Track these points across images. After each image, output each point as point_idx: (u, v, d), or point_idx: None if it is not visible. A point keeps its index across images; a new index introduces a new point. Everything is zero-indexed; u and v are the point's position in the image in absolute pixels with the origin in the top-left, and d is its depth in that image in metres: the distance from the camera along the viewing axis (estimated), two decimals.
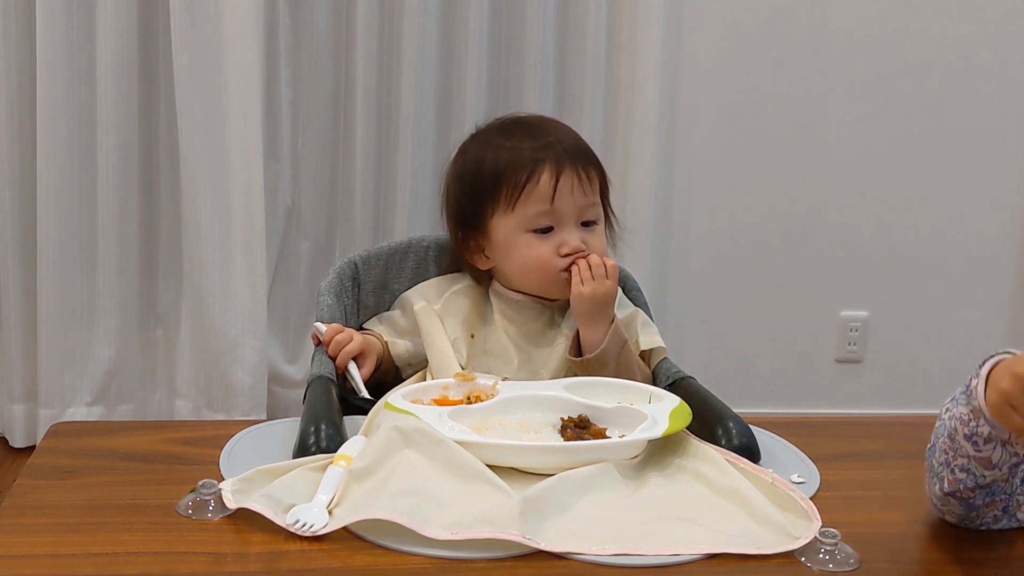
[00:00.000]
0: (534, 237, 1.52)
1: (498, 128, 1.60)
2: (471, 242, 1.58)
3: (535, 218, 1.51)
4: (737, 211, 3.05)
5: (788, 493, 1.20)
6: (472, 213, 1.56)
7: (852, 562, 1.10)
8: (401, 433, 1.23)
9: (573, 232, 1.52)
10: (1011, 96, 3.04)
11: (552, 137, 1.54)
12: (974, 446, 1.11)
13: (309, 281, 2.89)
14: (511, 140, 1.55)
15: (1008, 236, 3.11)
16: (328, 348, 1.50)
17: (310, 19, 2.74)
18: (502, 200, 1.52)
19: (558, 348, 1.54)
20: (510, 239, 1.53)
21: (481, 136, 1.60)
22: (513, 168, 1.51)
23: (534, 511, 1.12)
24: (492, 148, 1.55)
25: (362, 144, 2.80)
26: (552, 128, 1.58)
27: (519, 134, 1.56)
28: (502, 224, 1.53)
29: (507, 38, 2.80)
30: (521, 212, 1.51)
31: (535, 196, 1.50)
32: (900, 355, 3.17)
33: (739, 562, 1.09)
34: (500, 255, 1.55)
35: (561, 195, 1.51)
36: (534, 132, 1.56)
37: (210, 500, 1.14)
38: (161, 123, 2.76)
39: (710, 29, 2.94)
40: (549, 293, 1.56)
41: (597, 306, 1.50)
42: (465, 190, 1.56)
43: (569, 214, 1.52)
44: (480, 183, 1.54)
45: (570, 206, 1.52)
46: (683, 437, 1.32)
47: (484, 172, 1.54)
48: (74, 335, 2.77)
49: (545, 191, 1.50)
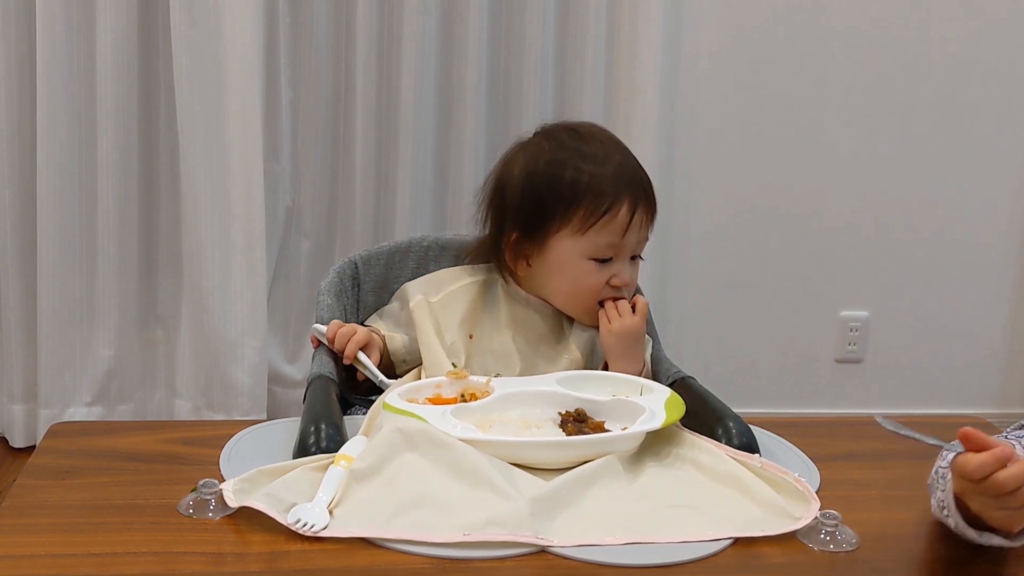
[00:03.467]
0: (593, 265, 1.52)
1: (574, 137, 1.55)
2: (520, 247, 1.55)
3: (605, 248, 1.51)
4: (737, 211, 3.05)
5: (782, 477, 1.22)
6: (535, 222, 1.52)
7: (853, 542, 1.13)
8: (403, 435, 1.23)
9: (627, 266, 1.54)
10: (1011, 96, 3.04)
11: (630, 164, 1.54)
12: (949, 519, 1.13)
13: (309, 281, 2.89)
14: (590, 159, 1.51)
15: (1008, 236, 3.11)
16: (334, 343, 1.50)
17: (310, 19, 2.74)
18: (574, 222, 1.50)
19: (562, 363, 1.54)
20: (569, 261, 1.52)
21: (554, 139, 1.55)
22: (594, 194, 1.49)
23: (543, 510, 1.14)
24: (571, 163, 1.51)
25: (362, 144, 2.80)
26: (625, 152, 1.56)
27: (596, 151, 1.53)
28: (565, 244, 1.51)
29: (507, 38, 2.80)
30: (592, 239, 1.50)
31: (611, 228, 1.50)
32: (900, 355, 3.17)
33: (745, 545, 1.12)
34: (549, 271, 1.54)
35: (632, 230, 1.51)
36: (611, 152, 1.53)
37: (211, 500, 1.14)
38: (161, 123, 2.76)
39: (710, 29, 2.94)
40: (580, 318, 1.56)
41: (625, 341, 1.51)
42: (533, 196, 1.52)
43: (631, 247, 1.53)
44: (554, 197, 1.50)
45: (634, 241, 1.53)
46: (676, 427, 1.34)
47: (561, 188, 1.50)
48: (74, 335, 2.77)
49: (622, 224, 1.50)
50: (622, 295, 1.54)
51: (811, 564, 1.10)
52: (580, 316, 1.56)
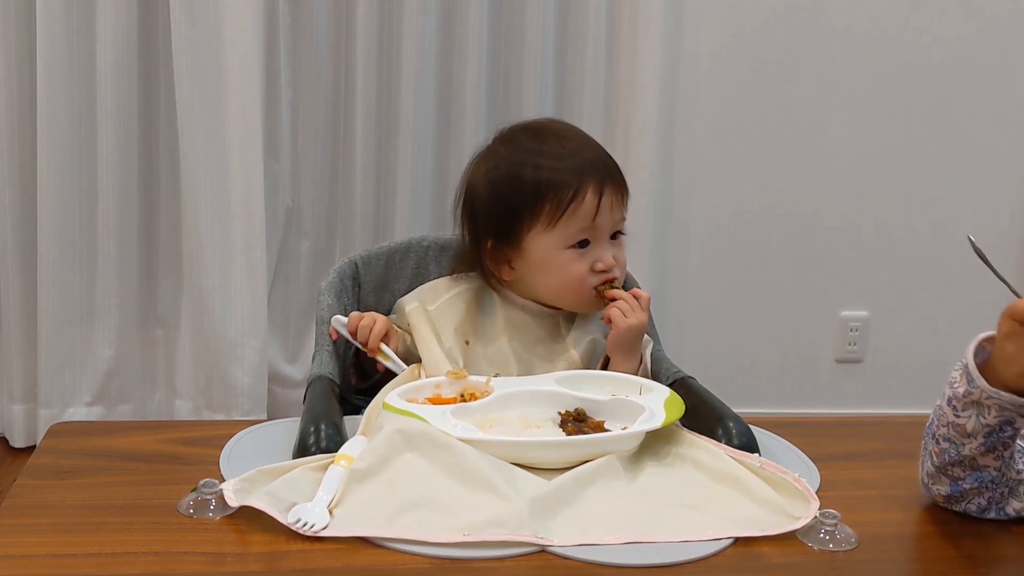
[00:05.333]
0: (572, 253, 1.51)
1: (530, 136, 1.56)
2: (498, 254, 1.55)
3: (578, 234, 1.51)
4: (737, 211, 3.05)
5: (781, 476, 1.22)
6: (506, 226, 1.53)
7: (853, 541, 1.13)
8: (404, 436, 1.23)
9: (607, 248, 1.53)
10: (1011, 96, 3.04)
11: (590, 151, 1.54)
12: (953, 410, 1.16)
13: (309, 281, 2.89)
14: (548, 155, 1.52)
15: (1008, 236, 3.11)
16: (356, 335, 1.51)
17: (310, 19, 2.74)
18: (543, 217, 1.50)
19: (559, 365, 1.53)
20: (548, 256, 1.52)
21: (511, 143, 1.56)
22: (557, 187, 1.49)
23: (542, 510, 1.14)
24: (530, 163, 1.52)
25: (362, 144, 2.80)
26: (583, 139, 1.57)
27: (553, 146, 1.53)
28: (540, 241, 1.51)
29: (507, 38, 2.80)
30: (563, 230, 1.50)
31: (579, 215, 1.50)
32: (900, 355, 3.17)
33: (744, 545, 1.12)
34: (533, 270, 1.54)
35: (603, 213, 1.51)
36: (567, 143, 1.54)
37: (211, 499, 1.14)
38: (161, 123, 2.76)
39: (710, 29, 2.94)
40: (580, 309, 1.56)
41: (634, 337, 1.51)
42: (499, 201, 1.53)
43: (606, 230, 1.53)
44: (519, 198, 1.51)
45: (608, 222, 1.52)
46: (676, 427, 1.34)
47: (524, 188, 1.51)
48: (74, 335, 2.77)
49: (589, 210, 1.50)
50: (613, 276, 1.53)
51: (810, 563, 1.10)
52: (577, 307, 1.56)
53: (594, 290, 1.53)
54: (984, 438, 1.15)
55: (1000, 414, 1.14)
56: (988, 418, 1.14)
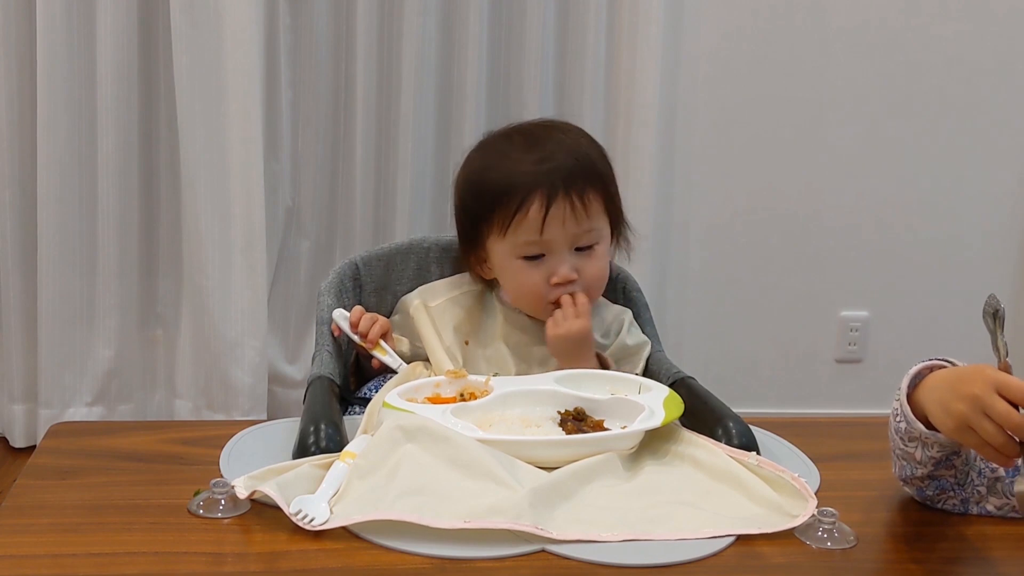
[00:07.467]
0: (526, 264, 1.50)
1: (503, 139, 1.56)
2: (472, 255, 1.57)
3: (525, 246, 1.49)
4: (737, 211, 3.05)
5: (779, 474, 1.23)
6: (472, 230, 1.54)
7: (851, 539, 1.13)
8: (404, 431, 1.23)
9: (565, 259, 1.49)
10: (1011, 96, 3.04)
11: (552, 157, 1.49)
12: (901, 440, 1.18)
13: (309, 281, 2.89)
14: (509, 159, 1.51)
15: (1008, 236, 3.11)
16: (357, 327, 1.51)
17: (310, 19, 2.74)
18: (495, 225, 1.50)
19: (554, 364, 1.53)
20: (504, 263, 1.52)
21: (486, 146, 1.57)
22: (506, 194, 1.47)
23: (543, 502, 1.14)
24: (494, 167, 1.52)
25: (362, 144, 2.80)
26: (555, 144, 1.51)
27: (519, 150, 1.51)
28: (497, 247, 1.52)
29: (507, 38, 2.80)
30: (512, 239, 1.49)
31: (524, 226, 1.48)
32: (900, 355, 3.16)
33: (743, 543, 1.12)
34: (498, 274, 1.55)
35: (550, 226, 1.47)
36: (535, 148, 1.50)
37: (222, 499, 1.14)
38: (161, 123, 2.76)
39: (710, 29, 2.94)
40: (542, 317, 1.54)
41: (571, 344, 1.49)
42: (465, 206, 1.55)
43: (560, 243, 1.49)
44: (478, 203, 1.52)
45: (560, 236, 1.48)
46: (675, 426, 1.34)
47: (483, 192, 1.51)
48: (74, 335, 2.77)
49: (534, 222, 1.47)
50: (570, 291, 1.50)
51: (809, 562, 1.10)
52: (541, 315, 1.54)
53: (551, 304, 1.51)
54: (933, 466, 1.17)
55: (942, 449, 1.15)
56: (932, 452, 1.16)
